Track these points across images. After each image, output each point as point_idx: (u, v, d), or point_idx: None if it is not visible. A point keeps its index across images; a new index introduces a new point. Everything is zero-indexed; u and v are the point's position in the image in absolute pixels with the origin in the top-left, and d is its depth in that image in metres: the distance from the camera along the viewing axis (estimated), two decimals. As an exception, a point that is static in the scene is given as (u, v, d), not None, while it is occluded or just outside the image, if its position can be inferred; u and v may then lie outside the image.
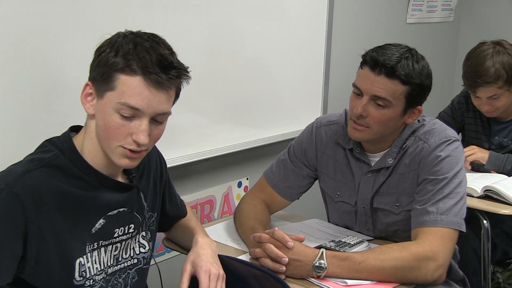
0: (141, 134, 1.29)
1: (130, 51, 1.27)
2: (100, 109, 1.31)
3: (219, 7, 2.35)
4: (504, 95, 2.44)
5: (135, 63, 1.26)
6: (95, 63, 1.32)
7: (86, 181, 1.35)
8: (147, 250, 1.52)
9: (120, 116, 1.28)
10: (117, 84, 1.28)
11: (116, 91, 1.28)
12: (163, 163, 1.61)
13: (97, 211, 1.37)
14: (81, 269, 1.34)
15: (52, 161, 1.32)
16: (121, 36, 1.32)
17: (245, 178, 2.78)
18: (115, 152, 1.32)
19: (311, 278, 1.57)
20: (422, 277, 1.59)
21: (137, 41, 1.29)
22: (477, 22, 4.17)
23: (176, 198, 1.70)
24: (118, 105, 1.28)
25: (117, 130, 1.29)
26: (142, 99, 1.27)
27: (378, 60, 1.67)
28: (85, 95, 1.34)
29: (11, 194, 1.23)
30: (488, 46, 2.45)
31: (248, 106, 2.60)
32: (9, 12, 1.67)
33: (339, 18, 3.05)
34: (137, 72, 1.27)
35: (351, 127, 1.77)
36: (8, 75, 1.70)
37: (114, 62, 1.27)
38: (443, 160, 1.71)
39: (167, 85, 1.30)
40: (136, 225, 1.47)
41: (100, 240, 1.39)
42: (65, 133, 1.40)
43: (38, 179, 1.28)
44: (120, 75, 1.27)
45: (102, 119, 1.31)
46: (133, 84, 1.27)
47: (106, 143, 1.32)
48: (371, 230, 1.89)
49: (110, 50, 1.29)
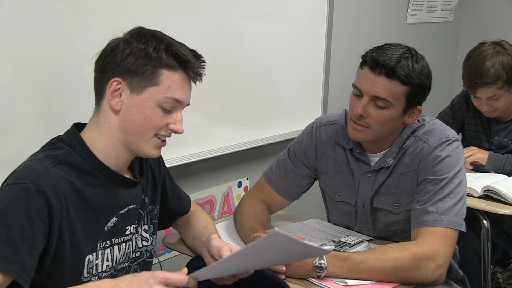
0: (179, 124, 1.39)
1: (170, 47, 1.34)
2: (136, 103, 1.35)
3: (219, 7, 2.35)
4: (504, 95, 2.44)
5: (175, 59, 1.34)
6: (123, 60, 1.33)
7: (96, 177, 1.36)
8: (150, 243, 1.54)
9: (161, 109, 1.36)
10: (162, 79, 1.34)
11: (161, 86, 1.34)
12: (160, 157, 1.62)
13: (109, 209, 1.39)
14: (89, 265, 1.36)
15: (65, 158, 1.33)
16: (141, 32, 1.36)
17: (245, 178, 2.78)
18: (149, 143, 1.38)
19: (311, 278, 1.57)
20: (422, 277, 1.59)
21: (164, 37, 1.37)
22: (477, 22, 4.17)
23: (180, 193, 1.71)
24: (164, 99, 1.35)
25: (158, 122, 1.36)
26: (184, 92, 1.38)
27: (378, 60, 1.67)
28: (112, 91, 1.35)
29: (39, 193, 1.24)
30: (488, 46, 2.45)
31: (248, 106, 2.60)
32: (9, 12, 1.67)
33: (339, 18, 3.05)
34: (178, 67, 1.35)
35: (351, 128, 1.77)
36: (8, 75, 1.70)
37: (158, 57, 1.33)
38: (443, 160, 1.71)
39: (200, 75, 1.40)
40: (139, 219, 1.49)
41: (113, 238, 1.41)
42: (71, 130, 1.41)
43: (57, 177, 1.29)
44: (164, 71, 1.34)
45: (141, 113, 1.35)
46: (177, 78, 1.35)
47: (141, 135, 1.37)
48: (371, 230, 1.89)
49: (144, 48, 1.33)
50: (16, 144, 1.74)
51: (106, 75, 1.35)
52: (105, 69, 1.35)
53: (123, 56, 1.33)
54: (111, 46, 1.36)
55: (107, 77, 1.35)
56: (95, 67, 1.39)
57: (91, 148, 1.37)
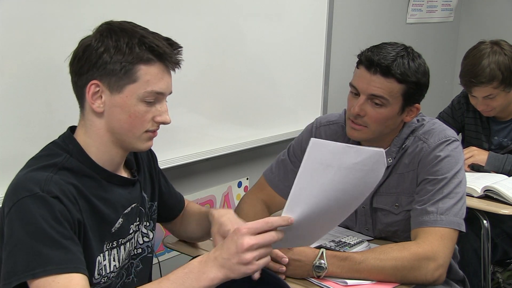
0: (165, 115, 1.37)
1: (143, 40, 1.31)
2: (118, 103, 1.33)
3: (219, 7, 2.35)
4: (500, 95, 2.43)
5: (151, 52, 1.31)
6: (97, 61, 1.30)
7: (97, 180, 1.36)
8: (150, 239, 1.54)
9: (145, 103, 1.34)
10: (140, 75, 1.32)
11: (140, 81, 1.32)
12: (153, 153, 1.62)
13: (114, 211, 1.39)
14: (99, 267, 1.36)
15: (64, 164, 1.32)
16: (111, 29, 1.33)
17: (245, 178, 2.78)
18: (141, 139, 1.37)
19: (311, 278, 1.57)
20: (422, 277, 1.59)
21: (135, 29, 1.34)
22: (477, 22, 4.17)
23: (173, 189, 1.71)
24: (145, 94, 1.32)
25: (144, 117, 1.35)
26: (164, 83, 1.35)
27: (373, 59, 1.67)
28: (92, 94, 1.33)
29: (54, 198, 1.24)
30: (485, 45, 2.45)
31: (248, 106, 2.60)
32: (9, 12, 1.67)
33: (339, 18, 3.05)
34: (154, 59, 1.32)
35: (350, 127, 1.77)
36: (8, 75, 1.70)
37: (132, 53, 1.30)
38: (443, 160, 1.71)
39: (178, 63, 1.38)
40: (140, 217, 1.49)
41: (119, 238, 1.41)
42: (66, 134, 1.40)
43: (62, 182, 1.28)
44: (141, 66, 1.31)
45: (125, 112, 1.33)
46: (154, 71, 1.33)
47: (131, 133, 1.35)
48: (371, 230, 1.89)
49: (117, 45, 1.30)
50: (16, 144, 1.74)
51: (83, 78, 1.33)
52: (80, 71, 1.33)
53: (97, 57, 1.31)
54: (83, 47, 1.33)
55: (84, 80, 1.33)
56: (70, 70, 1.36)
57: (86, 151, 1.36)
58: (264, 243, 1.20)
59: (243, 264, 1.19)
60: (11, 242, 1.22)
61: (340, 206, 1.33)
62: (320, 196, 1.25)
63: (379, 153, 1.30)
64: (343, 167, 1.25)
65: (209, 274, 1.21)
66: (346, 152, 1.25)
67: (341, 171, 1.25)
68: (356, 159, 1.26)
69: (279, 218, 1.23)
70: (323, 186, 1.25)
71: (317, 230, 1.40)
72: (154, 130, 1.38)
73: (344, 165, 1.25)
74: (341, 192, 1.28)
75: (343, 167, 1.25)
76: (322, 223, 1.37)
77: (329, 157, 1.24)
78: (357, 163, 1.27)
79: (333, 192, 1.26)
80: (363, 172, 1.28)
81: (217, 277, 1.21)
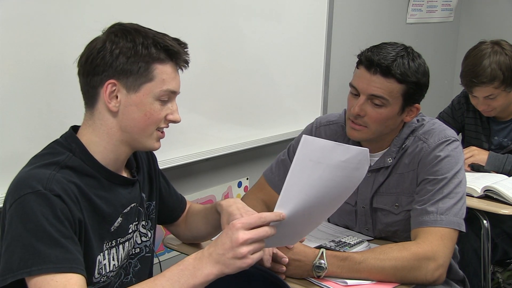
0: (176, 114, 1.41)
1: (157, 40, 1.34)
2: (134, 102, 1.35)
3: (219, 7, 2.35)
4: (500, 95, 2.43)
5: (165, 51, 1.35)
6: (114, 61, 1.32)
7: (97, 179, 1.37)
8: (148, 238, 1.54)
9: (159, 102, 1.37)
10: (156, 74, 1.35)
11: (156, 80, 1.35)
12: (153, 154, 1.62)
13: (114, 210, 1.40)
14: (99, 266, 1.36)
15: (67, 163, 1.32)
16: (125, 29, 1.35)
17: (245, 178, 2.78)
18: (152, 137, 1.40)
19: (311, 278, 1.57)
20: (422, 277, 1.59)
21: (146, 30, 1.37)
22: (477, 22, 4.17)
23: (174, 190, 1.72)
24: (161, 92, 1.36)
25: (158, 115, 1.38)
26: (176, 82, 1.40)
27: (373, 59, 1.67)
28: (109, 94, 1.34)
29: (56, 196, 1.24)
30: (486, 46, 2.45)
31: (248, 106, 2.60)
32: (9, 12, 1.68)
33: (339, 18, 3.06)
34: (168, 58, 1.36)
35: (349, 127, 1.77)
36: (8, 75, 1.70)
37: (149, 53, 1.33)
38: (443, 160, 1.71)
39: (187, 62, 1.41)
40: (138, 216, 1.50)
41: (118, 237, 1.42)
42: (69, 133, 1.40)
43: (64, 181, 1.28)
44: (157, 65, 1.35)
45: (140, 110, 1.35)
46: (169, 70, 1.37)
47: (143, 132, 1.38)
48: (371, 230, 1.89)
49: (133, 46, 1.32)
50: (16, 144, 1.74)
51: (97, 78, 1.34)
52: (95, 72, 1.34)
53: (113, 57, 1.32)
54: (97, 48, 1.34)
55: (99, 80, 1.34)
56: (81, 71, 1.37)
57: (90, 151, 1.37)
58: (258, 238, 1.22)
59: (238, 258, 1.21)
60: (10, 237, 1.22)
61: (327, 203, 1.37)
62: (310, 192, 1.28)
63: (363, 152, 1.34)
64: (331, 164, 1.29)
65: (204, 270, 1.23)
66: (335, 150, 1.29)
67: (329, 168, 1.29)
68: (343, 157, 1.30)
69: (272, 214, 1.25)
70: (313, 182, 1.28)
71: (305, 227, 1.43)
72: (163, 130, 1.42)
73: (332, 162, 1.29)
74: (328, 189, 1.31)
75: (331, 164, 1.29)
76: (310, 220, 1.40)
77: (319, 154, 1.27)
78: (344, 161, 1.31)
79: (322, 189, 1.30)
80: (348, 170, 1.33)
81: (212, 273, 1.23)
